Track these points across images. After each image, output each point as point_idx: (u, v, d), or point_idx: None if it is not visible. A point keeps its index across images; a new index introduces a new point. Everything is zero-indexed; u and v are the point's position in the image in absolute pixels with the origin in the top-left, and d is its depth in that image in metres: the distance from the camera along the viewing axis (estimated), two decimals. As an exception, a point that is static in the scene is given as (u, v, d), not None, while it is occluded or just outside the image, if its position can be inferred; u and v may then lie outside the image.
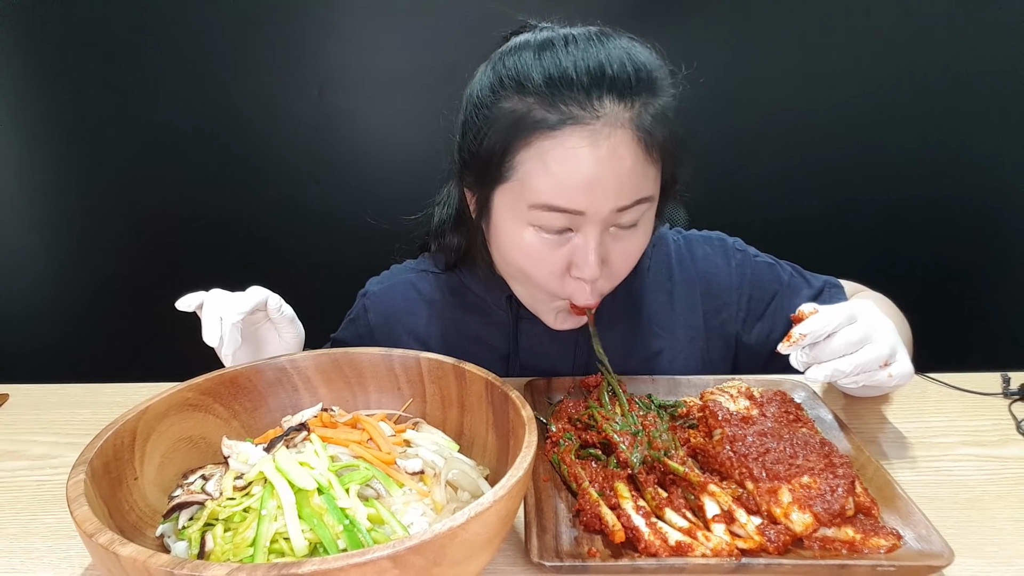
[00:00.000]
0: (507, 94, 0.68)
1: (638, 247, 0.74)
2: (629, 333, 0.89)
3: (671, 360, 0.89)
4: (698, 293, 0.91)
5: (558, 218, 0.67)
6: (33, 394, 0.89)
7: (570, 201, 0.66)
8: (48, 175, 1.57)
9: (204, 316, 0.71)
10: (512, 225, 0.71)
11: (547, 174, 0.66)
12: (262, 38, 1.44)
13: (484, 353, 0.90)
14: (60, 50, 1.46)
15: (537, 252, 0.70)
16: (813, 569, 0.50)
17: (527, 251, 0.71)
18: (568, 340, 0.87)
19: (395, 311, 0.94)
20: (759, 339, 0.92)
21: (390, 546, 0.38)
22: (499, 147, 0.68)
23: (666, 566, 0.50)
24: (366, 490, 0.54)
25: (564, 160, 0.65)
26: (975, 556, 0.55)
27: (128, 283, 1.63)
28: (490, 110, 0.69)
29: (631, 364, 0.86)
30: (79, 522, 0.42)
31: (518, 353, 0.90)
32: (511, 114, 0.67)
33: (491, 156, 0.69)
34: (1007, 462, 0.68)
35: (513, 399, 0.57)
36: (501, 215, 0.72)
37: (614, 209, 0.67)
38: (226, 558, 0.48)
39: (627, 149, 0.65)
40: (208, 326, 0.70)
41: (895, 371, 0.66)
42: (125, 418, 0.54)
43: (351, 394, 0.69)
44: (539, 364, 0.89)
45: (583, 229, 0.68)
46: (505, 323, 0.89)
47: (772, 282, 0.91)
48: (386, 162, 1.54)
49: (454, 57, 1.46)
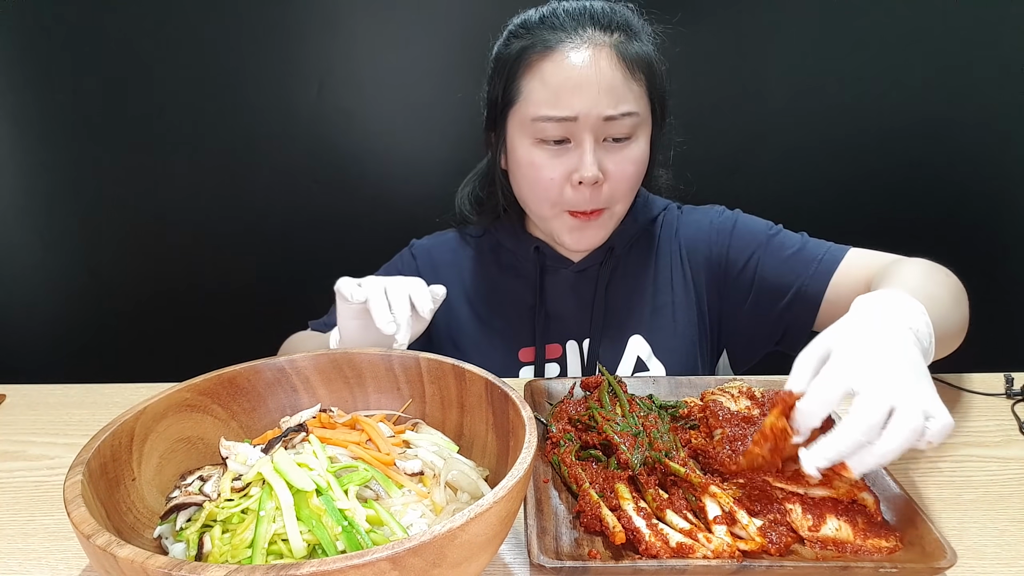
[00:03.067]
0: (513, 39, 0.87)
1: (631, 161, 0.85)
2: (638, 288, 0.98)
3: (674, 314, 0.97)
4: (687, 252, 0.99)
5: (555, 127, 0.82)
6: (31, 394, 0.89)
7: (562, 107, 0.81)
8: (47, 175, 1.57)
9: (378, 304, 0.70)
10: (520, 142, 0.87)
11: (543, 86, 0.82)
12: (262, 38, 1.44)
13: (514, 306, 1.00)
14: (59, 50, 1.46)
15: (542, 161, 0.85)
16: (815, 571, 0.50)
17: (533, 161, 0.85)
18: (586, 298, 0.97)
19: (443, 261, 1.04)
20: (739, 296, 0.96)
21: (389, 547, 0.38)
22: (510, 77, 0.86)
23: (667, 567, 0.50)
24: (365, 491, 0.54)
25: (556, 72, 0.81)
26: (978, 557, 0.55)
27: (127, 283, 1.63)
28: (502, 55, 0.88)
29: (639, 316, 0.96)
30: (76, 523, 0.41)
31: (544, 303, 0.98)
32: (518, 50, 0.85)
33: (505, 87, 0.86)
34: (1010, 463, 0.68)
35: (513, 400, 0.56)
36: (513, 137, 0.88)
37: (601, 116, 0.81)
38: (224, 560, 0.48)
39: (608, 62, 0.81)
40: (384, 315, 0.69)
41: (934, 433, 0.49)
42: (123, 419, 0.54)
43: (350, 395, 0.68)
44: (560, 313, 0.98)
45: (578, 137, 0.83)
46: (532, 276, 0.98)
47: (751, 235, 0.95)
48: (386, 161, 1.53)
49: (454, 57, 1.47)
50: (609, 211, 0.89)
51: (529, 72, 0.84)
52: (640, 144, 0.86)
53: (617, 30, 0.83)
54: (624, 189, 0.87)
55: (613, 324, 0.97)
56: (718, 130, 1.42)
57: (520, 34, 0.86)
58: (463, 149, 1.04)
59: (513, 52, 0.85)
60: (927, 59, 1.36)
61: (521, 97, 0.85)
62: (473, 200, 1.03)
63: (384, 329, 0.68)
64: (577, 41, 0.81)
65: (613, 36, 0.82)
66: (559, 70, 0.81)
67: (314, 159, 1.53)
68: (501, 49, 0.89)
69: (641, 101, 0.84)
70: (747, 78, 1.40)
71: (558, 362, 0.98)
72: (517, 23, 0.89)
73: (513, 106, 0.87)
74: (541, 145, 0.85)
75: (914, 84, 1.38)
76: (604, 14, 0.84)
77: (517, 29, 0.88)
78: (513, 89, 0.86)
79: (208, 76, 1.47)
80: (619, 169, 0.85)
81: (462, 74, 1.37)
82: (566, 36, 0.82)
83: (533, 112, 0.83)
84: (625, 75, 0.82)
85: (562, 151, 0.84)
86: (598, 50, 0.81)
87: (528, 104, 0.84)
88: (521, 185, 0.91)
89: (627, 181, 0.86)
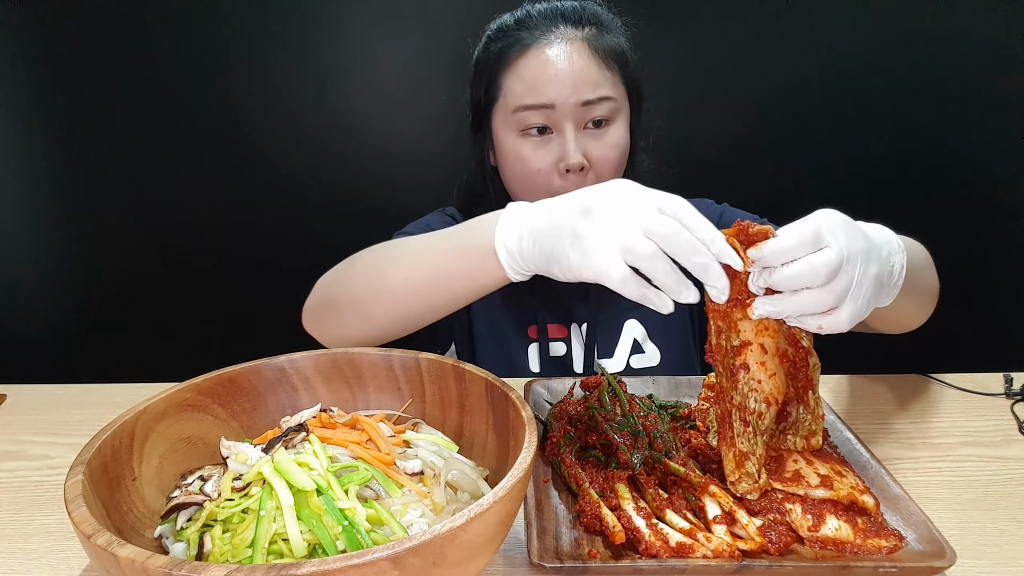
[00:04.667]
0: (491, 42, 0.92)
1: (612, 146, 0.88)
2: None
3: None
4: None
5: (536, 115, 0.86)
6: (32, 394, 0.89)
7: (540, 96, 0.85)
8: (48, 176, 1.57)
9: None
10: (505, 135, 0.90)
11: (521, 81, 0.87)
12: (262, 38, 1.44)
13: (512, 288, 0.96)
14: (59, 51, 1.46)
15: (528, 153, 0.88)
16: (815, 570, 0.50)
17: (520, 154, 0.89)
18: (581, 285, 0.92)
19: None
20: None
21: (389, 547, 0.38)
22: (491, 77, 0.90)
23: (667, 567, 0.50)
24: (365, 491, 0.54)
25: (532, 67, 0.86)
26: (977, 557, 0.55)
27: (127, 283, 1.63)
28: (481, 58, 0.93)
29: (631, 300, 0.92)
30: (77, 523, 0.41)
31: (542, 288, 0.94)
32: (496, 51, 0.90)
33: (487, 87, 0.91)
34: (1009, 463, 0.68)
35: (513, 400, 0.56)
36: (498, 132, 0.92)
37: (579, 102, 0.85)
38: (224, 559, 0.48)
39: (580, 54, 0.86)
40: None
41: (828, 322, 0.52)
42: (123, 418, 0.54)
43: (350, 394, 0.68)
44: (560, 297, 1.00)
45: (559, 125, 0.86)
46: None
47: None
48: (386, 161, 1.54)
49: (453, 57, 1.46)
50: None
51: (508, 70, 0.89)
52: (619, 128, 0.90)
53: (588, 25, 0.88)
54: (608, 174, 0.90)
55: (609, 309, 1.00)
56: (711, 126, 1.42)
57: (498, 37, 0.91)
58: (463, 148, 1.04)
59: (492, 54, 0.91)
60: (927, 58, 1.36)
61: (502, 93, 0.90)
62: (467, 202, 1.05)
63: (683, 296, 0.53)
64: (551, 38, 0.87)
65: (584, 31, 0.87)
66: (536, 64, 0.86)
67: (314, 159, 1.53)
68: (480, 53, 0.94)
69: (617, 88, 0.89)
70: (738, 72, 1.41)
71: (564, 342, 1.01)
72: (494, 28, 0.94)
73: (496, 103, 0.91)
74: (526, 137, 0.88)
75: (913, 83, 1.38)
76: (575, 11, 0.89)
77: (495, 33, 0.93)
78: (494, 88, 0.91)
79: (209, 76, 1.47)
80: (602, 155, 0.88)
81: (462, 74, 1.37)
82: (540, 34, 0.87)
83: (513, 103, 0.88)
84: (599, 65, 0.86)
85: (545, 141, 0.88)
86: (571, 44, 0.86)
87: (508, 98, 0.89)
88: (511, 178, 0.94)
89: (611, 165, 0.90)
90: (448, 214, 1.07)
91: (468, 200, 1.04)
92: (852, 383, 0.87)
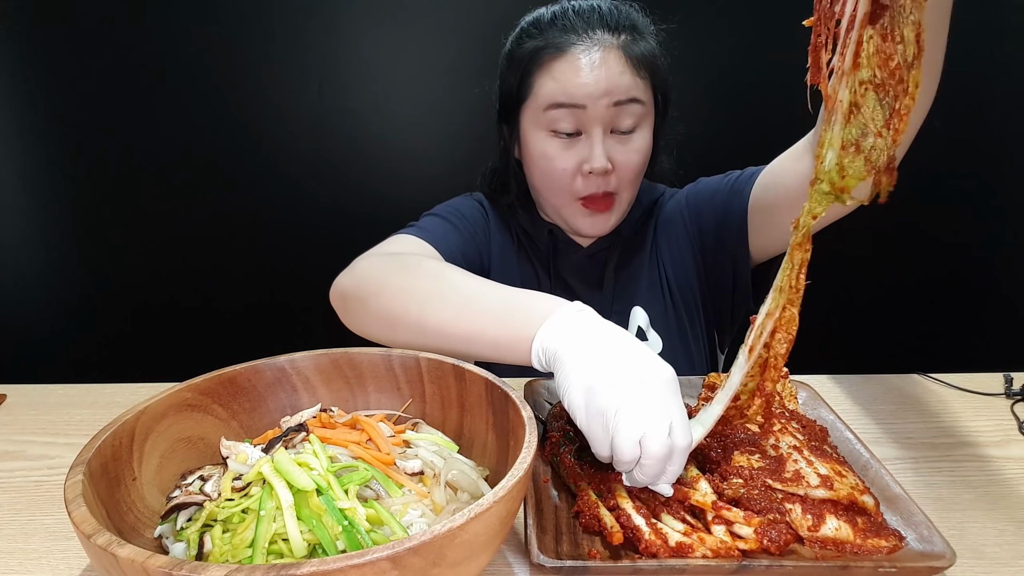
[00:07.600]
0: (526, 38, 0.91)
1: (636, 151, 0.91)
2: (639, 264, 1.04)
3: (678, 277, 1.03)
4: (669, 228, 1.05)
5: (566, 114, 0.87)
6: (31, 394, 0.89)
7: (572, 96, 0.86)
8: (48, 175, 1.57)
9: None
10: (533, 134, 0.92)
11: (554, 81, 0.88)
12: (262, 38, 1.44)
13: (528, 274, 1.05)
14: (59, 50, 1.46)
15: (554, 152, 0.90)
16: (814, 570, 0.50)
17: (546, 152, 0.91)
18: (594, 279, 1.03)
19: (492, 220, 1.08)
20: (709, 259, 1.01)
21: (389, 547, 0.38)
22: (524, 74, 0.90)
23: (666, 567, 0.50)
24: (365, 491, 0.54)
25: (566, 69, 0.87)
26: (977, 557, 0.55)
27: (128, 283, 1.63)
28: (516, 53, 0.92)
29: (636, 289, 1.03)
30: (77, 523, 0.41)
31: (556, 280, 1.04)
32: (531, 50, 0.90)
33: (519, 84, 0.91)
34: (1009, 463, 0.68)
35: (513, 400, 0.56)
36: (526, 129, 0.93)
37: (610, 104, 0.86)
38: (224, 559, 0.48)
39: (615, 59, 0.86)
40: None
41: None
42: (123, 418, 0.54)
43: (350, 394, 0.68)
44: (572, 290, 1.03)
45: (588, 129, 0.88)
46: (545, 256, 1.04)
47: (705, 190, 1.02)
48: (386, 161, 1.54)
49: (454, 56, 1.47)
50: (617, 198, 0.94)
51: (541, 71, 0.89)
52: (644, 135, 0.91)
53: (624, 31, 0.88)
54: (630, 178, 0.92)
55: (618, 298, 1.03)
56: (730, 129, 1.42)
57: (532, 33, 0.91)
58: (464, 148, 1.04)
59: (526, 52, 0.90)
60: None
61: (533, 92, 0.90)
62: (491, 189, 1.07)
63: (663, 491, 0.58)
64: (588, 44, 0.87)
65: (620, 38, 0.88)
66: (569, 68, 0.87)
67: (314, 159, 1.53)
68: (514, 47, 0.94)
69: (646, 93, 0.90)
70: (747, 72, 1.41)
71: None
72: (529, 21, 0.93)
73: (526, 101, 0.92)
74: (554, 137, 0.90)
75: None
76: (612, 15, 0.89)
77: (529, 28, 0.92)
78: (526, 86, 0.91)
79: (209, 76, 1.47)
80: (626, 159, 0.90)
81: (462, 74, 1.37)
82: (576, 38, 0.87)
83: (544, 101, 0.89)
84: (632, 73, 0.87)
85: (573, 143, 0.90)
86: (607, 51, 0.86)
87: (540, 97, 0.89)
88: (535, 175, 0.96)
89: (633, 170, 0.92)
90: (476, 199, 1.09)
91: (493, 187, 1.07)
92: (852, 383, 0.87)
